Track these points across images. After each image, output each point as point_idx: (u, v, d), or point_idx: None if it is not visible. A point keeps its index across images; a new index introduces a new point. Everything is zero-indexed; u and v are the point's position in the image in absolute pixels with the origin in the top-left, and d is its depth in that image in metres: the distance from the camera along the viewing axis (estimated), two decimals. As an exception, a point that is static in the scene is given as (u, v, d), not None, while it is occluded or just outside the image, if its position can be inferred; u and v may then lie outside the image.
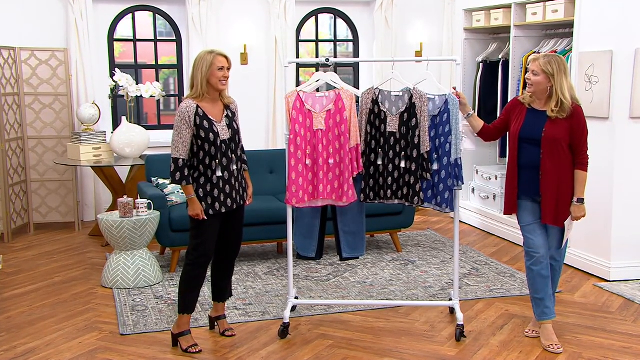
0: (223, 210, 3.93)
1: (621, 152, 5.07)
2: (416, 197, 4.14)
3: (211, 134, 3.83)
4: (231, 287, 4.30)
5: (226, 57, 3.89)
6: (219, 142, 3.86)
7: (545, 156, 3.86)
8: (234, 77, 6.94)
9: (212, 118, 3.87)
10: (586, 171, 3.89)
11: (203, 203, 3.88)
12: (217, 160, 3.87)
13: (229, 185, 3.93)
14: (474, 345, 4.04)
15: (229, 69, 3.90)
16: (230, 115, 3.97)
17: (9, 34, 6.88)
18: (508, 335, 4.17)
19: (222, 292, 4.22)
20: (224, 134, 3.89)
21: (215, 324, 4.26)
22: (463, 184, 4.16)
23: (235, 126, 3.98)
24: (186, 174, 3.85)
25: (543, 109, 3.91)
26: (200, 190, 3.88)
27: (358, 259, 5.32)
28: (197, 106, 3.84)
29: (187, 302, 4.02)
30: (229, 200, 3.94)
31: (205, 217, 3.89)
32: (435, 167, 4.13)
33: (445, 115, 4.09)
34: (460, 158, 4.12)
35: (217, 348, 4.02)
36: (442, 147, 4.11)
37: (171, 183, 3.91)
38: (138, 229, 5.07)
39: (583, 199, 3.88)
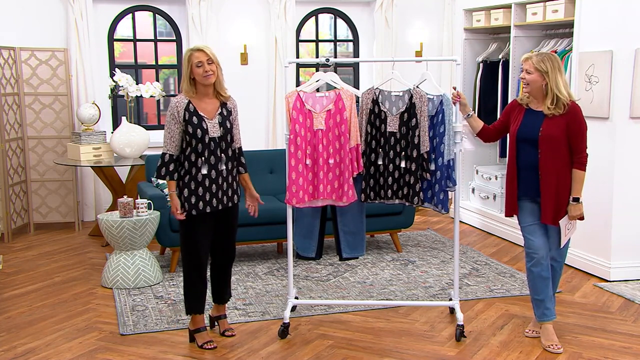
0: (208, 209, 3.88)
1: (621, 152, 5.07)
2: (416, 197, 4.14)
3: (199, 130, 3.80)
4: (230, 289, 4.30)
5: (204, 51, 3.81)
6: (206, 139, 3.82)
7: (544, 156, 3.86)
8: (234, 77, 7.00)
9: (202, 114, 3.83)
10: (584, 170, 3.88)
11: (186, 203, 3.85)
12: (203, 158, 3.83)
13: (215, 184, 3.88)
14: (474, 345, 4.04)
15: (210, 62, 3.81)
16: (225, 114, 3.92)
17: (9, 34, 6.88)
18: (508, 335, 4.17)
19: (221, 294, 4.22)
20: (214, 131, 3.85)
21: (216, 323, 4.26)
22: (455, 185, 4.15)
23: (229, 125, 3.92)
24: (171, 169, 3.84)
25: (540, 108, 3.91)
26: (185, 189, 3.85)
27: (358, 259, 5.32)
28: (189, 102, 3.83)
29: (192, 304, 4.05)
30: (214, 200, 3.89)
31: (182, 218, 3.86)
32: (432, 167, 4.13)
33: (441, 115, 4.10)
34: (453, 159, 4.12)
35: (217, 348, 4.02)
36: (437, 148, 4.11)
37: (156, 177, 3.90)
38: (138, 229, 5.07)
39: (579, 198, 3.88)
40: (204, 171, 3.84)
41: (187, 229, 3.92)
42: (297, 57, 7.89)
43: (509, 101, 5.37)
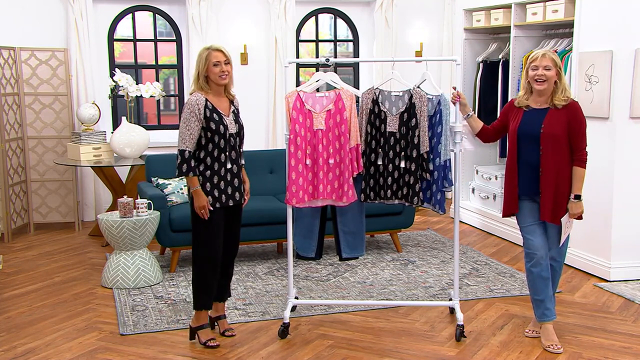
0: (230, 203, 3.97)
1: (621, 152, 5.07)
2: (415, 197, 4.14)
3: (221, 127, 3.88)
4: (230, 288, 4.31)
5: (222, 52, 3.91)
6: (227, 135, 3.91)
7: (545, 153, 3.86)
8: (234, 77, 6.98)
9: (221, 111, 3.92)
10: (584, 168, 3.88)
11: (209, 197, 3.91)
12: (227, 153, 3.93)
13: (237, 178, 4.00)
14: (474, 345, 4.04)
15: (227, 63, 3.91)
16: (236, 112, 4.04)
17: (9, 34, 6.88)
18: (508, 335, 4.17)
19: (221, 292, 4.23)
20: (232, 127, 3.95)
21: (216, 323, 4.26)
22: (452, 185, 4.14)
23: (240, 122, 4.06)
24: (192, 165, 3.88)
25: (543, 106, 3.91)
26: (208, 184, 3.91)
27: (358, 259, 5.32)
28: (206, 99, 3.90)
29: (202, 300, 4.07)
30: (237, 193, 4.00)
31: (208, 215, 3.90)
32: (430, 167, 4.13)
33: (438, 115, 4.10)
34: (449, 160, 4.12)
35: (217, 348, 4.02)
36: (435, 148, 4.11)
37: (178, 175, 3.93)
38: (138, 229, 5.07)
39: (580, 196, 3.88)
40: (229, 165, 3.94)
41: (206, 222, 3.95)
42: (297, 57, 7.89)
43: (507, 103, 5.37)
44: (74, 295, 4.98)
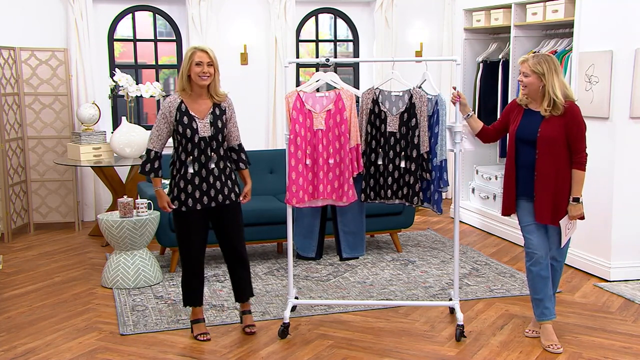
0: (198, 207, 3.96)
1: (621, 152, 5.07)
2: (415, 197, 4.15)
3: (188, 130, 3.88)
4: (250, 288, 4.27)
5: (207, 53, 3.90)
6: (196, 139, 3.90)
7: (541, 156, 3.86)
8: (234, 77, 7.02)
9: (193, 114, 3.90)
10: (583, 170, 3.88)
11: (176, 201, 3.97)
12: (192, 157, 3.92)
13: (205, 182, 3.95)
14: (474, 345, 4.04)
15: (210, 65, 3.89)
16: (218, 113, 3.96)
17: (9, 34, 6.88)
18: (508, 335, 4.17)
19: (240, 292, 4.23)
20: (204, 131, 3.91)
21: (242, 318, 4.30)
22: (447, 186, 4.14)
23: (220, 124, 3.96)
24: (156, 166, 3.95)
25: (538, 109, 3.91)
26: (175, 187, 3.96)
27: (358, 259, 5.32)
28: (181, 101, 3.91)
29: (185, 297, 4.16)
30: (205, 197, 3.96)
31: (172, 207, 3.96)
32: (429, 167, 4.13)
33: (436, 115, 4.10)
34: (445, 160, 4.12)
35: (217, 348, 4.02)
36: (433, 148, 4.12)
37: (140, 173, 3.99)
38: (138, 229, 5.07)
39: (579, 198, 3.88)
40: (191, 170, 3.93)
41: (180, 226, 4.04)
42: (297, 57, 7.89)
43: (509, 101, 5.37)
44: (74, 295, 4.98)
